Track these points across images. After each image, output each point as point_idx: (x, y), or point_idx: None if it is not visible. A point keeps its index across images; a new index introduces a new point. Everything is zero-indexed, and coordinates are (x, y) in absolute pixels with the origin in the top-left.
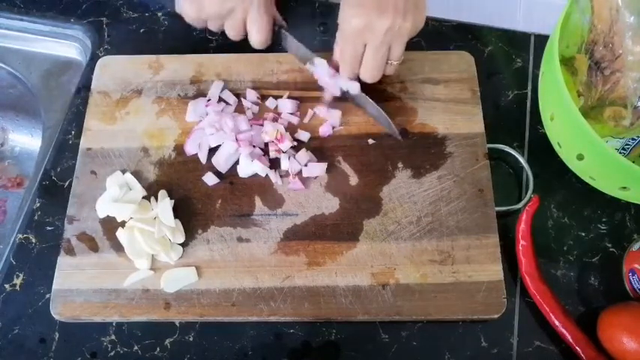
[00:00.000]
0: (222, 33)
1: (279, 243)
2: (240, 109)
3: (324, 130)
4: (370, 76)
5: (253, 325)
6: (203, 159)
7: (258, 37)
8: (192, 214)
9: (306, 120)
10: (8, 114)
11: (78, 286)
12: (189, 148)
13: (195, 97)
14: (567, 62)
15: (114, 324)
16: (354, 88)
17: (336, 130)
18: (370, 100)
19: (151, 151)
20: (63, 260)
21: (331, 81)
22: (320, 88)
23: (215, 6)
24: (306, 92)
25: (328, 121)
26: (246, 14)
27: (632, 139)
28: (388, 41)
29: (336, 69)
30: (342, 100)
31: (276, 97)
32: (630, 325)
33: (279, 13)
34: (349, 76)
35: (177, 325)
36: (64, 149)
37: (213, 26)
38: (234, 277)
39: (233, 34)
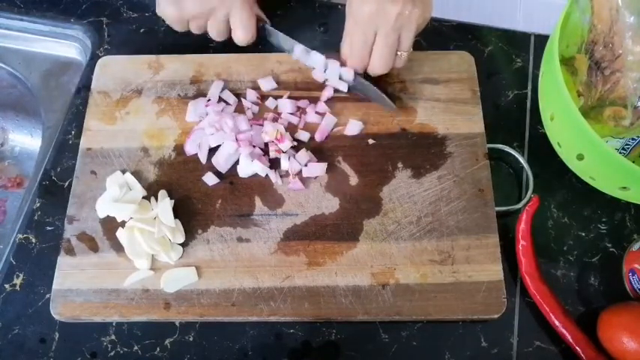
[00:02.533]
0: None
1: (279, 243)
2: (240, 109)
3: (319, 137)
4: (380, 65)
5: (253, 325)
6: (203, 159)
7: (242, 34)
8: (192, 214)
9: (303, 122)
10: (8, 114)
11: (78, 286)
12: (189, 148)
13: (195, 97)
14: (567, 62)
15: (114, 324)
16: (349, 75)
17: (336, 130)
18: (366, 82)
19: (151, 151)
20: (63, 260)
21: (328, 74)
22: (320, 88)
23: (196, 5)
24: (306, 92)
25: (321, 126)
26: (228, 12)
27: (632, 139)
28: (399, 27)
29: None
30: (341, 99)
31: (276, 97)
32: (630, 325)
33: (261, 9)
34: (358, 69)
35: (177, 325)
36: (64, 149)
37: (195, 27)
38: (234, 277)
39: (216, 33)
